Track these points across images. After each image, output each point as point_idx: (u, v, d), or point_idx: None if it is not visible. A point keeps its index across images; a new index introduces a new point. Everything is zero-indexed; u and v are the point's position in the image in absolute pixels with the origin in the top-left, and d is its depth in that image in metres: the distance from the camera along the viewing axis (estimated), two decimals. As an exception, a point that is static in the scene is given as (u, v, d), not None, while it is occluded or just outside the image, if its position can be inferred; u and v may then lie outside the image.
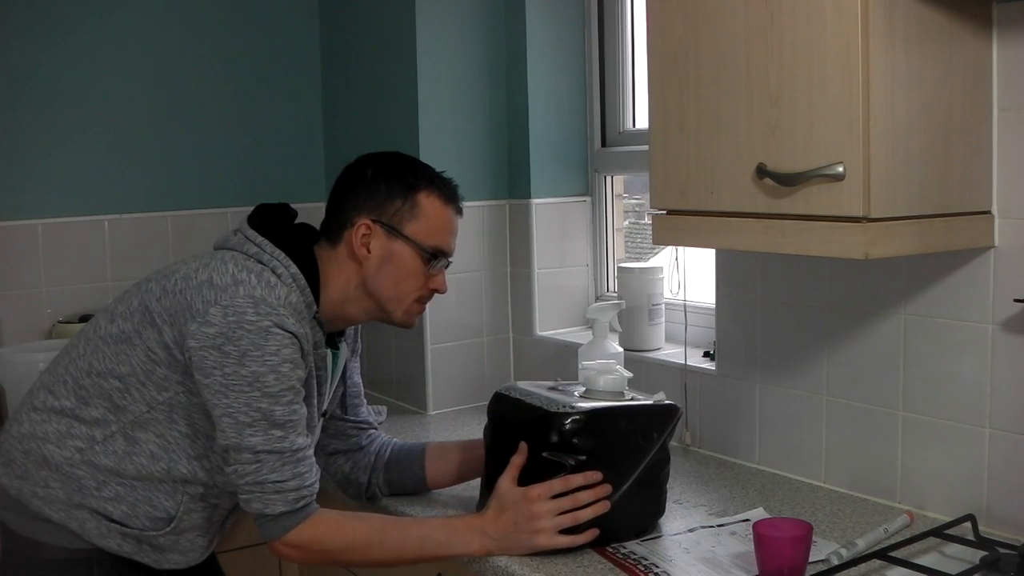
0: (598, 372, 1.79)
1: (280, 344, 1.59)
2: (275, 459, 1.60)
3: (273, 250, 1.67)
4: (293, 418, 1.61)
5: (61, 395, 1.70)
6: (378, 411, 2.60)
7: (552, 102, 2.68)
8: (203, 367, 1.58)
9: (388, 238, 1.74)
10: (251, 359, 1.57)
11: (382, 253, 1.74)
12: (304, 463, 1.63)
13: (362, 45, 2.87)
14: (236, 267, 1.64)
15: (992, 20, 1.64)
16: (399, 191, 1.74)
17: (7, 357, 2.44)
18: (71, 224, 2.74)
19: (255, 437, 1.59)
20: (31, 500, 1.68)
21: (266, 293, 1.61)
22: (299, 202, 1.83)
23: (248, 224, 1.73)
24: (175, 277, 1.66)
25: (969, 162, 1.64)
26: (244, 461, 1.60)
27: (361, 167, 1.79)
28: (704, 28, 1.67)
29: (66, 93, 2.71)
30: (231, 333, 1.57)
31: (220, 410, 1.59)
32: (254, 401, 1.58)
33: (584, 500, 1.66)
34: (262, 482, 1.60)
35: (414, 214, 1.74)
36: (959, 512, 1.73)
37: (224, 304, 1.58)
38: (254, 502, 1.61)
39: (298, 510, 1.62)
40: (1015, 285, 1.66)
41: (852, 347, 1.92)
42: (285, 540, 1.63)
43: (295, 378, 1.62)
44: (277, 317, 1.59)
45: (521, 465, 1.69)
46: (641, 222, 2.83)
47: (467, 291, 2.70)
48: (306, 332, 1.65)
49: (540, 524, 1.65)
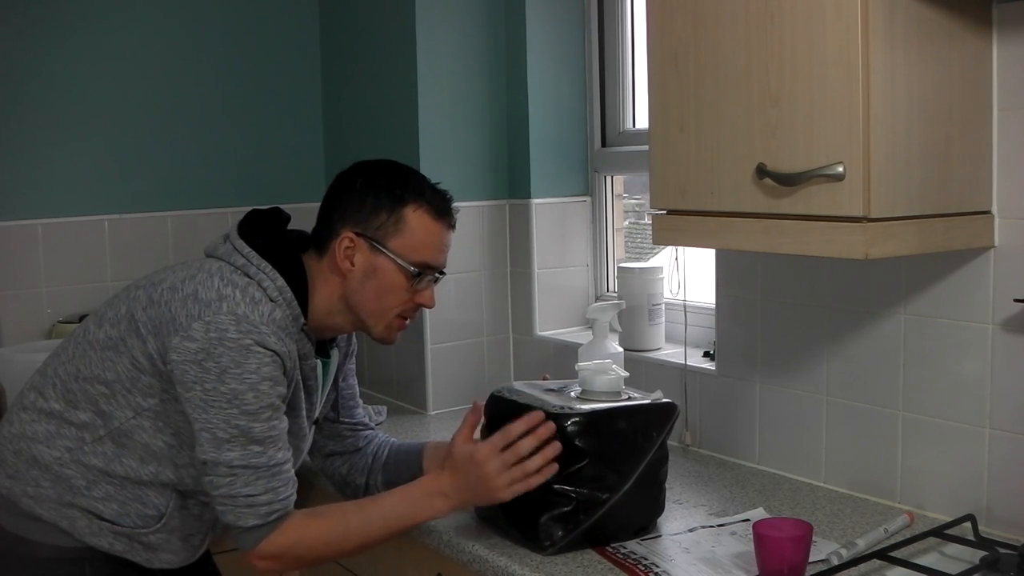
0: (594, 372, 1.79)
1: (260, 362, 1.58)
2: (249, 473, 1.60)
3: (260, 262, 1.66)
4: (272, 434, 1.61)
5: (50, 397, 1.70)
6: (378, 411, 2.60)
7: (552, 102, 2.68)
8: (184, 381, 1.58)
9: (371, 252, 1.71)
10: (231, 376, 1.57)
11: (365, 268, 1.72)
12: (279, 478, 1.62)
13: (362, 45, 2.87)
14: (222, 281, 1.63)
15: (992, 20, 1.64)
16: (385, 204, 1.72)
17: (7, 357, 2.43)
18: (71, 224, 2.73)
19: (232, 452, 1.59)
20: (21, 499, 1.68)
21: (249, 310, 1.60)
22: (299, 203, 1.83)
23: (238, 231, 1.72)
24: (161, 287, 1.66)
25: (969, 162, 1.64)
26: (219, 474, 1.60)
27: (351, 176, 1.76)
28: (704, 28, 1.67)
29: (66, 93, 2.71)
30: (212, 349, 1.56)
31: (199, 424, 1.59)
32: (232, 418, 1.58)
33: (526, 447, 1.65)
34: (235, 495, 1.60)
35: (399, 229, 1.71)
36: (959, 512, 1.73)
37: (207, 320, 1.58)
38: (227, 514, 1.62)
39: (270, 523, 1.62)
40: (1015, 285, 1.66)
41: (852, 347, 1.92)
42: (258, 552, 1.63)
43: (275, 395, 1.61)
44: (259, 335, 1.58)
45: (474, 423, 1.71)
46: (641, 222, 2.83)
47: (467, 291, 2.70)
48: (289, 349, 1.64)
49: (493, 483, 1.65)
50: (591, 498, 1.68)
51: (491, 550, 1.71)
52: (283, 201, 1.88)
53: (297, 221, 1.82)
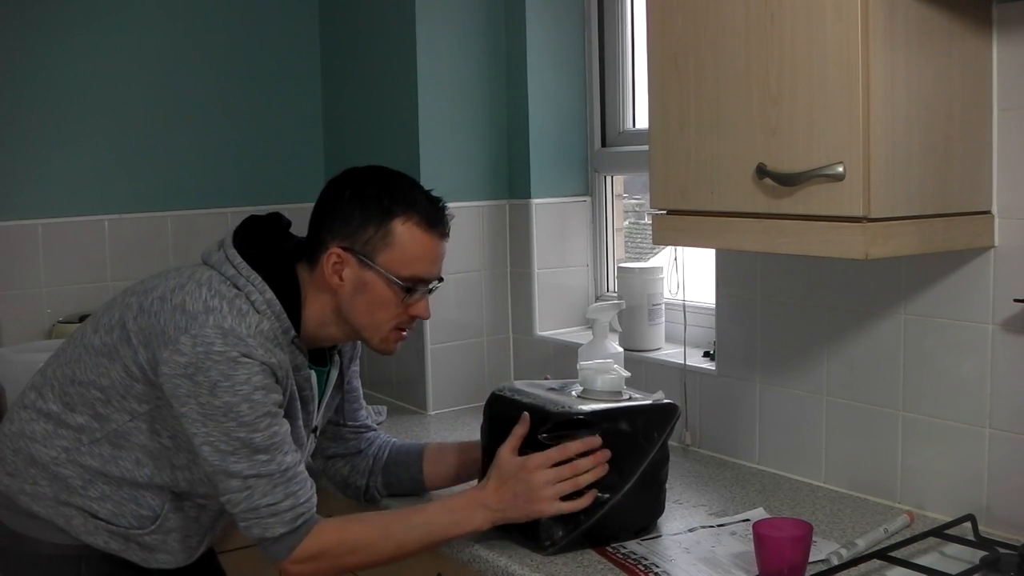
0: (596, 372, 1.79)
1: (250, 373, 1.57)
2: (264, 483, 1.59)
3: (250, 274, 1.64)
4: (275, 440, 1.60)
5: (48, 399, 1.70)
6: (378, 411, 2.60)
7: (552, 102, 2.68)
8: (177, 395, 1.58)
9: (360, 267, 1.67)
10: (222, 390, 1.55)
11: (355, 283, 1.68)
12: (295, 481, 1.61)
13: (362, 45, 2.87)
14: (210, 292, 1.61)
15: (992, 20, 1.64)
16: (373, 217, 1.67)
17: (7, 357, 2.43)
18: (71, 224, 2.74)
19: (240, 464, 1.58)
20: (19, 496, 1.69)
21: (236, 323, 1.58)
22: (298, 203, 1.82)
23: (233, 239, 1.69)
24: (152, 296, 1.64)
25: (969, 162, 1.64)
26: (234, 488, 1.59)
27: (341, 186, 1.72)
28: (704, 28, 1.67)
29: (66, 93, 2.71)
30: (200, 363, 1.55)
31: (200, 439, 1.58)
32: (231, 431, 1.57)
33: (584, 467, 1.65)
34: (256, 507, 1.59)
35: (387, 243, 1.67)
36: (959, 512, 1.73)
37: (194, 333, 1.57)
38: (253, 528, 1.61)
39: (298, 528, 1.61)
40: (1015, 285, 1.66)
41: (852, 347, 1.92)
42: (293, 559, 1.62)
43: (270, 403, 1.60)
44: (245, 347, 1.57)
45: (523, 436, 1.68)
46: (641, 222, 2.83)
47: (467, 291, 2.70)
48: (280, 360, 1.62)
49: (541, 494, 1.64)
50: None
51: (491, 550, 1.71)
52: (283, 202, 1.88)
53: (297, 221, 1.81)
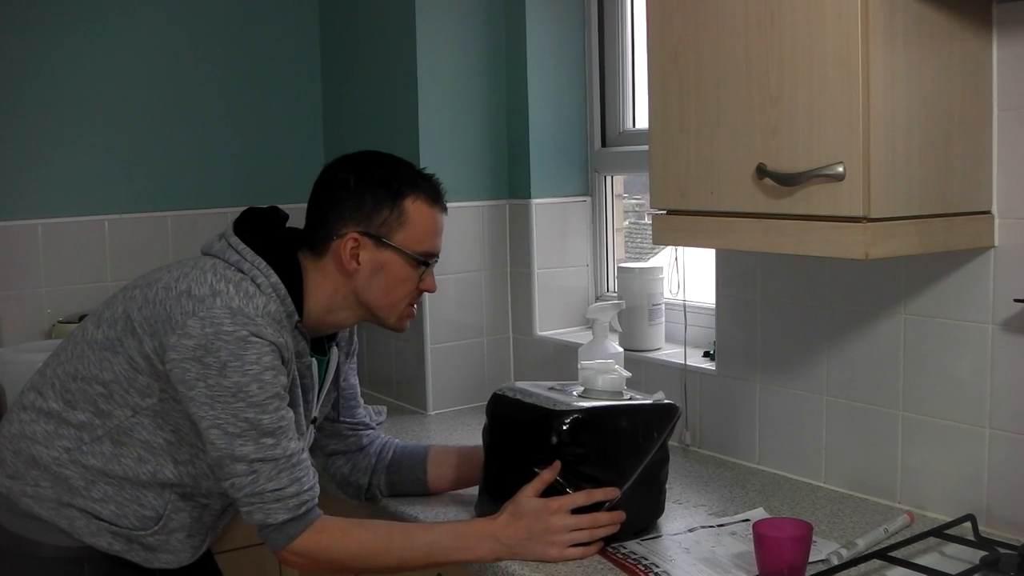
0: (597, 372, 1.79)
1: (260, 352, 1.58)
2: (270, 467, 1.59)
3: (254, 258, 1.66)
4: (282, 424, 1.61)
5: (49, 397, 1.70)
6: (378, 411, 2.60)
7: (552, 102, 2.68)
8: (186, 380, 1.58)
9: (377, 249, 1.72)
10: (232, 369, 1.56)
11: (372, 264, 1.72)
12: (299, 468, 1.62)
13: (362, 45, 2.87)
14: (215, 276, 1.63)
15: (992, 20, 1.64)
16: (386, 200, 1.72)
17: (7, 357, 2.44)
18: (71, 224, 2.74)
19: (246, 447, 1.58)
20: (21, 499, 1.68)
21: (244, 303, 1.60)
22: (298, 202, 1.82)
23: (234, 229, 1.72)
24: (156, 287, 1.65)
25: (969, 162, 1.64)
26: (239, 473, 1.59)
27: (340, 174, 1.75)
28: (704, 28, 1.67)
29: (66, 94, 2.71)
30: (209, 344, 1.56)
31: (207, 422, 1.58)
32: (240, 412, 1.57)
33: (603, 521, 1.67)
34: (260, 492, 1.59)
35: (402, 222, 1.72)
36: (959, 512, 1.73)
37: (201, 316, 1.58)
38: (256, 513, 1.61)
39: (301, 516, 1.62)
40: (1015, 285, 1.66)
41: (852, 347, 1.92)
42: (291, 549, 1.62)
43: (279, 385, 1.61)
44: (255, 327, 1.58)
45: (549, 481, 1.68)
46: (641, 222, 2.83)
47: (467, 291, 2.70)
48: (286, 341, 1.63)
49: (556, 538, 1.65)
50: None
51: (491, 550, 1.71)
52: (283, 200, 1.88)
53: (296, 221, 1.82)
